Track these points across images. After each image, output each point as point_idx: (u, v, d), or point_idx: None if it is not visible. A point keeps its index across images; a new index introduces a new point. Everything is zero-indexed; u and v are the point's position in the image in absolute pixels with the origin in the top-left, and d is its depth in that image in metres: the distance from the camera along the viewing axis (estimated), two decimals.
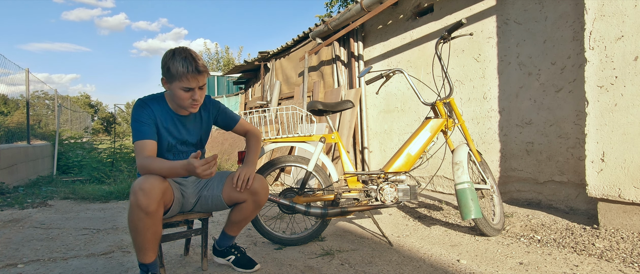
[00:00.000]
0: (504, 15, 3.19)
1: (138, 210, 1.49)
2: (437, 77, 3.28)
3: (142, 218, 1.50)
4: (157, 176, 1.55)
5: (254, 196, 1.82)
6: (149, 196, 1.49)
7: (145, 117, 1.67)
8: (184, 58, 1.59)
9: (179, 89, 1.63)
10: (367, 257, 2.11)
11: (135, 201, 1.49)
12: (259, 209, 1.90)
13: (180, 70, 1.58)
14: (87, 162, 6.71)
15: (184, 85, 1.62)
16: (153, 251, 1.62)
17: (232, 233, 1.97)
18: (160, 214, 1.57)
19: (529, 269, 1.87)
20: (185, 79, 1.60)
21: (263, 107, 5.57)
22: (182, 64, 1.58)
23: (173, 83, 1.63)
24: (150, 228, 1.54)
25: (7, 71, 6.19)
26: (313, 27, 5.57)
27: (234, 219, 1.90)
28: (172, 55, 1.61)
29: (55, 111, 8.73)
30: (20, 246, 2.43)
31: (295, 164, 2.37)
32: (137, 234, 1.55)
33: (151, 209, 1.50)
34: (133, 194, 1.50)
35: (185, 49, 1.65)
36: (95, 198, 4.16)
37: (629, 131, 2.17)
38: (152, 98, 1.74)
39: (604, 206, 2.34)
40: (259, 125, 2.64)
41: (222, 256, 2.00)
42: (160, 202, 1.53)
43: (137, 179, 1.54)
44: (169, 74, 1.62)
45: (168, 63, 1.61)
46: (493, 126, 3.33)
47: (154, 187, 1.50)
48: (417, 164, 2.46)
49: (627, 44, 2.17)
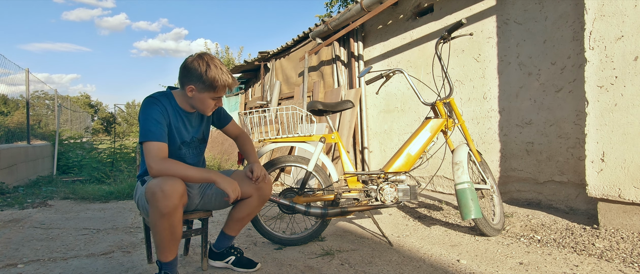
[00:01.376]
0: (504, 15, 3.19)
1: (157, 211, 1.50)
2: (437, 77, 3.28)
3: (159, 218, 1.52)
4: (178, 179, 1.55)
5: (259, 191, 1.86)
6: (170, 198, 1.50)
7: (158, 115, 1.62)
8: (222, 72, 1.62)
9: (209, 98, 1.66)
10: (367, 257, 2.11)
11: (154, 201, 1.49)
12: (263, 204, 1.93)
13: (220, 83, 1.62)
14: (87, 162, 6.71)
15: (217, 95, 1.66)
16: (170, 251, 1.62)
17: (232, 232, 1.97)
18: (179, 216, 1.57)
19: (529, 269, 1.87)
20: (221, 90, 1.65)
21: (263, 107, 5.57)
22: (220, 77, 1.61)
23: (205, 92, 1.64)
24: (167, 228, 1.55)
25: (7, 71, 6.20)
26: (313, 27, 5.57)
27: (237, 216, 1.91)
28: (207, 65, 1.60)
29: (55, 111, 8.73)
30: (20, 246, 2.43)
31: (295, 164, 2.37)
32: (155, 234, 1.57)
33: (169, 211, 1.51)
34: (152, 194, 1.50)
35: (215, 58, 1.65)
36: (95, 198, 4.16)
37: (629, 131, 2.17)
38: (162, 95, 1.70)
39: (604, 206, 2.34)
40: (259, 125, 2.64)
41: (220, 258, 1.97)
42: (179, 204, 1.54)
43: (156, 180, 1.52)
44: (202, 83, 1.61)
45: (203, 75, 1.60)
46: (493, 126, 3.33)
47: (174, 190, 1.51)
48: (417, 164, 2.46)
49: (627, 44, 2.17)
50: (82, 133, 15.08)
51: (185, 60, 1.65)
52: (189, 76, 1.63)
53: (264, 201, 1.92)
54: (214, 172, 1.65)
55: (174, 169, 1.56)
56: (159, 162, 1.56)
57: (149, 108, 1.62)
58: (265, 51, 7.47)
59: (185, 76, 1.64)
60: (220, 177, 1.63)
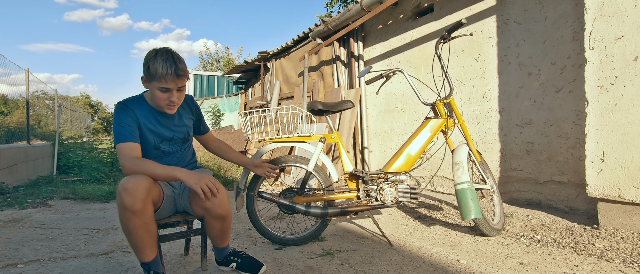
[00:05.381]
0: (504, 15, 3.19)
1: (124, 210, 1.49)
2: (437, 77, 3.28)
3: (129, 217, 1.50)
4: (142, 175, 1.54)
5: (207, 211, 1.70)
6: (133, 195, 1.48)
7: (127, 119, 1.66)
8: (165, 60, 1.60)
9: (157, 89, 1.64)
10: (367, 257, 2.11)
11: (120, 201, 1.49)
12: (225, 221, 1.75)
13: (160, 71, 1.59)
14: (87, 162, 6.69)
15: (162, 85, 1.62)
16: (151, 249, 1.61)
17: (219, 245, 1.89)
18: (149, 212, 1.56)
19: (529, 269, 1.87)
20: (164, 80, 1.61)
21: (263, 107, 5.57)
22: (162, 65, 1.59)
23: (152, 82, 1.64)
24: (141, 226, 1.54)
25: (7, 71, 6.19)
26: (313, 27, 5.57)
27: (210, 234, 1.84)
28: (154, 55, 1.61)
29: (55, 111, 8.73)
30: (20, 246, 2.43)
31: (295, 164, 2.37)
32: (129, 235, 1.55)
33: (137, 207, 1.49)
34: (118, 194, 1.50)
35: (168, 50, 1.65)
36: (95, 198, 4.16)
37: (629, 131, 2.17)
38: (131, 100, 1.73)
39: (604, 206, 2.34)
40: (259, 125, 2.64)
41: (225, 265, 1.95)
42: (146, 200, 1.52)
43: (122, 180, 1.53)
44: (148, 73, 1.62)
45: (149, 62, 1.61)
46: (493, 126, 3.33)
47: (137, 185, 1.50)
48: (417, 164, 2.46)
49: (627, 44, 2.17)
50: (82, 133, 15.07)
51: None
52: (142, 68, 1.66)
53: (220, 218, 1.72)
54: (180, 169, 1.60)
55: (143, 166, 1.57)
56: (130, 160, 1.59)
57: (118, 114, 1.68)
58: (265, 51, 7.47)
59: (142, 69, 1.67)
60: (185, 174, 1.56)
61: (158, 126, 1.76)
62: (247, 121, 2.53)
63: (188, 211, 1.85)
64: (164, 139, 1.79)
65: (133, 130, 1.66)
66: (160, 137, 1.77)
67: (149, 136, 1.74)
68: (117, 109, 1.70)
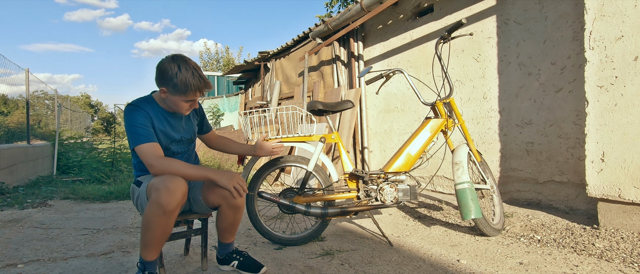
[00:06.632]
0: (504, 15, 3.19)
1: (157, 207, 1.50)
2: (437, 77, 3.28)
3: (159, 215, 1.52)
4: (181, 178, 1.56)
5: (226, 200, 1.74)
6: (173, 195, 1.50)
7: (142, 120, 1.65)
8: (192, 74, 1.60)
9: (181, 101, 1.65)
10: (367, 257, 2.11)
11: (157, 197, 1.49)
12: (237, 212, 1.81)
13: (191, 88, 1.60)
14: (87, 162, 6.69)
15: (188, 99, 1.65)
16: (158, 250, 1.63)
17: (226, 240, 1.93)
18: (176, 215, 1.58)
19: (529, 269, 1.87)
20: (192, 94, 1.63)
21: (263, 107, 5.57)
22: (191, 80, 1.60)
23: (176, 96, 1.64)
24: (165, 226, 1.56)
25: (7, 71, 6.19)
26: (313, 27, 5.57)
27: (220, 226, 1.88)
28: (178, 69, 1.60)
29: (55, 111, 8.73)
30: (20, 246, 2.43)
31: (295, 164, 2.37)
32: (148, 231, 1.56)
33: (170, 208, 1.51)
34: (155, 190, 1.51)
35: (189, 61, 1.64)
36: (95, 198, 4.16)
37: (629, 131, 2.17)
38: (142, 100, 1.73)
39: (604, 206, 2.34)
40: (259, 125, 2.64)
41: (226, 263, 1.96)
42: (180, 203, 1.55)
43: (160, 178, 1.54)
44: (175, 88, 1.61)
45: (174, 78, 1.59)
46: (493, 126, 3.33)
47: (178, 187, 1.52)
48: (417, 164, 2.46)
49: (627, 44, 2.17)
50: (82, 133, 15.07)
51: (160, 62, 1.65)
52: (162, 79, 1.63)
53: (235, 208, 1.78)
54: (211, 170, 1.66)
55: (175, 166, 1.59)
56: (159, 160, 1.59)
57: (132, 115, 1.66)
58: (265, 51, 7.47)
59: (159, 78, 1.65)
60: (218, 175, 1.63)
61: (168, 127, 1.76)
62: (247, 121, 2.53)
63: (192, 208, 1.86)
64: (173, 140, 1.79)
65: (149, 130, 1.65)
66: (170, 138, 1.77)
67: (161, 137, 1.74)
68: (130, 110, 1.68)
